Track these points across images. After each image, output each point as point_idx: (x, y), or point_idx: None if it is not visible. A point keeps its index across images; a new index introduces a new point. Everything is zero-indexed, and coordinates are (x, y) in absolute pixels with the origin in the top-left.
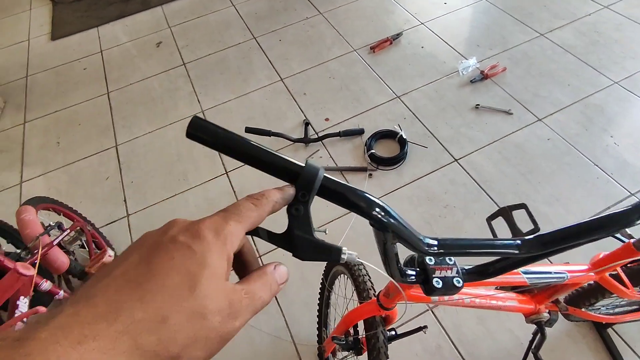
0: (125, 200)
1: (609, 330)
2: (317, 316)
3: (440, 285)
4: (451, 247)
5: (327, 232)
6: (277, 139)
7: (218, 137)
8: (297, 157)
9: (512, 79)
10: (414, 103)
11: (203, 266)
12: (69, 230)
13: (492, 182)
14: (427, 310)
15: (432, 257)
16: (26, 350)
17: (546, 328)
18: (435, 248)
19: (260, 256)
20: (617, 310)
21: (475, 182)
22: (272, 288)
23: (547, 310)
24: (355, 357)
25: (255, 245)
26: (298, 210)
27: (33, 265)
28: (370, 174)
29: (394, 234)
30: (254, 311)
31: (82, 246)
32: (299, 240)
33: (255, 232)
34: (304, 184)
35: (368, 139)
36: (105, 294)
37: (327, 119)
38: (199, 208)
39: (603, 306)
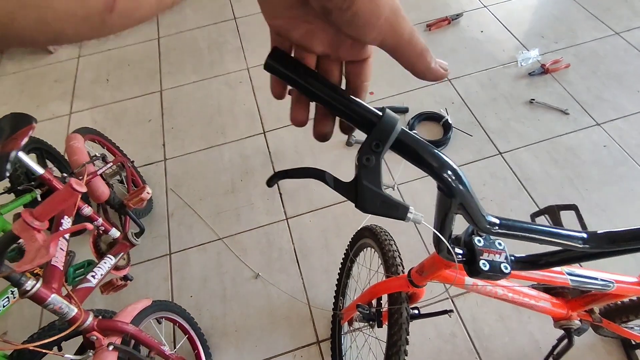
0: (164, 145)
1: (638, 351)
2: (336, 285)
3: (487, 268)
4: (513, 229)
5: (395, 188)
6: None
7: (299, 72)
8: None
9: (574, 77)
10: (464, 89)
11: None
12: (111, 164)
13: (535, 181)
14: (448, 298)
15: (481, 239)
16: None
17: (574, 336)
18: (497, 227)
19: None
20: None
21: (517, 178)
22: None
23: (579, 319)
24: (371, 329)
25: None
26: (369, 161)
27: None
28: None
29: (459, 204)
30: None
31: (121, 181)
32: (366, 191)
33: (322, 177)
34: (380, 134)
35: (411, 119)
36: None
37: (371, 93)
38: (233, 163)
39: (638, 326)
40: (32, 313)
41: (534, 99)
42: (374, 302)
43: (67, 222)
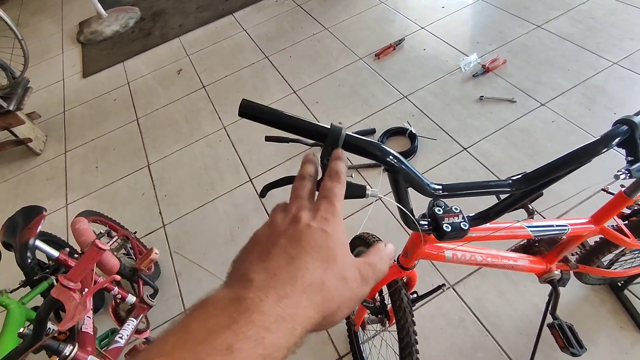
0: (160, 213)
1: (626, 292)
2: None
3: (449, 230)
4: (454, 189)
5: (352, 176)
6: (295, 144)
7: (264, 112)
8: (315, 159)
9: (512, 70)
10: (420, 101)
11: (337, 243)
12: (116, 237)
13: (501, 165)
14: (449, 287)
15: (440, 208)
16: (244, 306)
17: (561, 289)
18: (441, 191)
19: None
20: (627, 266)
21: (485, 167)
22: (386, 261)
23: (559, 270)
24: (382, 327)
25: None
26: (329, 160)
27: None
28: (385, 169)
29: (404, 177)
30: (376, 279)
31: (127, 254)
32: None
33: None
34: (332, 140)
35: (380, 137)
36: (280, 267)
37: (340, 123)
38: (228, 214)
39: (616, 262)
40: None
41: (482, 96)
42: (377, 296)
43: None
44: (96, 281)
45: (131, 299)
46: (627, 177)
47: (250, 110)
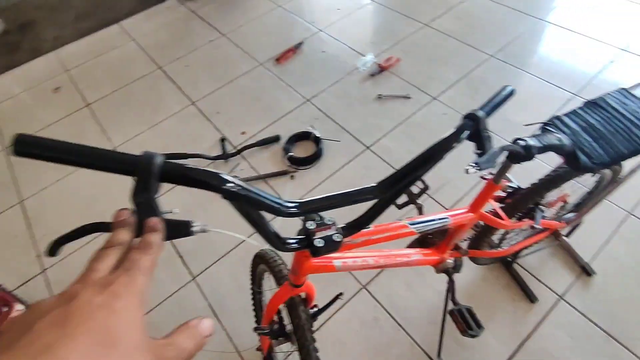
0: (39, 256)
1: (515, 266)
2: (255, 320)
3: (322, 244)
4: (310, 205)
5: (173, 211)
6: (197, 160)
7: (47, 147)
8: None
9: (406, 67)
10: (323, 103)
11: (123, 323)
12: None
13: (402, 160)
14: (362, 288)
15: (313, 222)
16: None
17: (457, 274)
18: (296, 209)
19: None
20: (513, 243)
21: (387, 163)
22: (197, 339)
23: (452, 258)
24: (292, 346)
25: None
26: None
27: None
28: (292, 176)
29: (249, 202)
30: None
31: None
32: None
33: (104, 228)
34: (144, 172)
35: (285, 143)
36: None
37: (243, 132)
38: None
39: (504, 241)
40: None
41: (380, 94)
42: (276, 317)
43: None
44: None
45: None
46: (477, 170)
47: (28, 148)
